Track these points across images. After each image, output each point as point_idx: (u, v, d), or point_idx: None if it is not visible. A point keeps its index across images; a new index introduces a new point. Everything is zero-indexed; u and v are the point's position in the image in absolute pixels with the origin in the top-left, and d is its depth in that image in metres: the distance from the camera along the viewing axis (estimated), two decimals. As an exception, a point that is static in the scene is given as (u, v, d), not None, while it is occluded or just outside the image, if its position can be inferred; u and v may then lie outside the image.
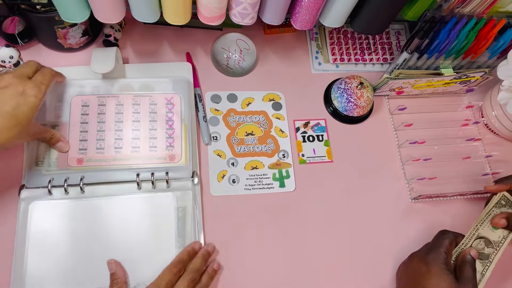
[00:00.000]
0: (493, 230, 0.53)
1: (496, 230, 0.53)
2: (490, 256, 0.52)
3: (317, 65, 0.71)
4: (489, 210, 0.54)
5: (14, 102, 0.45)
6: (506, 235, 0.53)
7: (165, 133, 0.57)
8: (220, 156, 0.61)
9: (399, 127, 0.67)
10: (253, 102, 0.66)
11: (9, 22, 0.60)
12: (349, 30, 0.72)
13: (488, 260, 0.52)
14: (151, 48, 0.67)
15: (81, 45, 0.63)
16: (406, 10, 0.58)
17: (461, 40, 0.61)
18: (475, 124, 0.70)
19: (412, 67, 0.67)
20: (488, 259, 0.52)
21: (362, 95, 0.63)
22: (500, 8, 0.59)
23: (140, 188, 0.55)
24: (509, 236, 0.53)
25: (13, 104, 0.45)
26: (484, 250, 0.52)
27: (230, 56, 0.66)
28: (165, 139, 0.57)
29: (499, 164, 0.67)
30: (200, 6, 0.53)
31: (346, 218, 0.60)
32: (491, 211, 0.54)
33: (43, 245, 0.50)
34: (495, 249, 0.52)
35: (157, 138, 0.57)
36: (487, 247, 0.52)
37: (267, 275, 0.55)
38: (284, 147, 0.63)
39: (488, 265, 0.51)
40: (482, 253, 0.52)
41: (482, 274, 0.51)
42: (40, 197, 0.52)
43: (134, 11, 0.53)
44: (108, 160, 0.55)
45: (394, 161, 0.66)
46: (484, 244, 0.53)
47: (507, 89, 0.60)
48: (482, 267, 0.51)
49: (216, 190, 0.59)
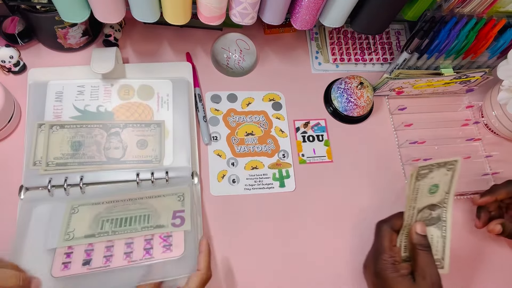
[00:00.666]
0: (430, 194, 0.48)
1: (435, 192, 0.48)
2: (441, 216, 0.49)
3: (317, 65, 0.71)
4: (413, 185, 0.47)
5: None
6: (447, 189, 0.48)
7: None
8: (220, 156, 0.61)
9: (399, 127, 0.67)
10: (253, 102, 0.66)
11: (9, 22, 0.60)
12: (349, 30, 0.72)
13: (441, 220, 0.48)
14: (151, 48, 0.67)
15: (81, 45, 0.63)
16: (406, 10, 0.58)
17: (461, 40, 0.61)
18: (475, 124, 0.70)
19: (412, 67, 0.67)
20: (440, 219, 0.49)
21: (362, 95, 0.63)
22: (500, 8, 0.59)
23: (140, 188, 0.55)
24: (451, 188, 0.48)
25: None
26: (432, 215, 0.49)
27: (230, 56, 0.66)
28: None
29: (499, 164, 0.67)
30: (200, 6, 0.53)
31: (346, 218, 0.60)
32: (417, 185, 0.47)
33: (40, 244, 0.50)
34: (442, 207, 0.49)
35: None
36: (433, 211, 0.49)
37: (267, 275, 0.55)
38: (284, 147, 0.63)
39: (444, 224, 0.48)
40: (431, 218, 0.49)
41: (444, 236, 0.48)
42: (40, 198, 0.52)
43: (134, 11, 0.53)
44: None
45: (394, 161, 0.65)
46: (429, 210, 0.49)
47: (507, 89, 0.60)
48: (439, 230, 0.48)
49: (216, 190, 0.59)
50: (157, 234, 0.50)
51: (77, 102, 0.58)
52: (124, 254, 0.49)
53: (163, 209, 0.52)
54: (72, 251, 0.48)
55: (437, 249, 0.49)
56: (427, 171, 0.46)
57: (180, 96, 0.60)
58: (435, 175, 0.47)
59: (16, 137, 0.57)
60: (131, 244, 0.49)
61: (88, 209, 0.52)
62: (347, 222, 0.60)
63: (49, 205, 0.52)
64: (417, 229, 0.47)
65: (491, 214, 0.58)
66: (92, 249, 0.49)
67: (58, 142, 0.55)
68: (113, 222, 0.51)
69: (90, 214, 0.52)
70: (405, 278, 0.45)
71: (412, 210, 0.48)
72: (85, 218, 0.51)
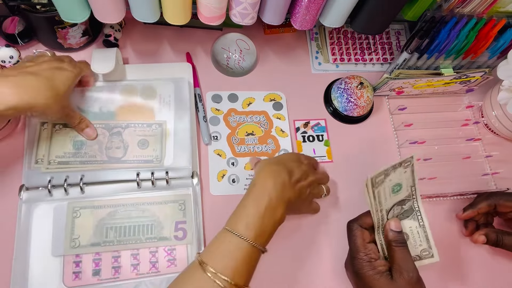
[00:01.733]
0: (395, 193, 0.48)
1: (399, 191, 0.48)
2: (413, 207, 0.49)
3: (317, 65, 0.71)
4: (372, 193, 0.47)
5: (51, 72, 0.48)
6: (412, 183, 0.48)
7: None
8: (220, 155, 0.61)
9: (399, 127, 0.67)
10: (253, 102, 0.66)
11: (9, 22, 0.60)
12: (349, 30, 0.72)
13: (414, 210, 0.49)
14: (151, 48, 0.67)
15: (81, 45, 0.63)
16: (406, 10, 0.58)
17: (461, 40, 0.61)
18: (475, 124, 0.70)
19: (412, 67, 0.67)
20: (413, 210, 0.49)
21: (362, 95, 0.63)
22: (500, 8, 0.59)
23: (140, 188, 0.55)
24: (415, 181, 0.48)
25: (50, 73, 0.48)
26: (404, 208, 0.49)
27: (230, 56, 0.66)
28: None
29: (499, 164, 0.67)
30: (200, 6, 0.53)
31: (346, 218, 0.60)
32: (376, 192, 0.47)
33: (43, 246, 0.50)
34: (412, 199, 0.49)
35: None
36: (404, 205, 0.49)
37: (267, 275, 0.55)
38: (285, 146, 0.63)
39: (419, 214, 0.49)
40: (405, 211, 0.49)
41: (422, 225, 0.48)
42: (40, 197, 0.52)
43: (134, 11, 0.53)
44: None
45: (394, 161, 0.65)
46: (399, 206, 0.49)
47: (507, 89, 0.60)
48: (415, 221, 0.49)
49: (216, 189, 0.59)
50: (161, 247, 0.53)
51: (80, 102, 0.58)
52: (132, 266, 0.51)
53: (165, 218, 0.54)
54: (80, 260, 0.51)
55: (420, 239, 0.49)
56: (382, 176, 0.46)
57: (181, 96, 0.60)
58: (393, 177, 0.47)
59: (16, 137, 0.57)
60: (137, 256, 0.52)
61: (90, 213, 0.53)
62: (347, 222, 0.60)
63: (50, 206, 0.52)
64: (392, 226, 0.47)
65: (478, 222, 0.60)
66: (100, 258, 0.51)
67: (61, 140, 0.55)
68: (117, 231, 0.52)
69: (93, 219, 0.52)
70: (382, 275, 0.45)
71: (380, 213, 0.48)
72: (89, 224, 0.52)
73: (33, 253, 0.50)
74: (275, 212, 0.46)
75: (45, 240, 0.51)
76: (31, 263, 0.49)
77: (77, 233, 0.51)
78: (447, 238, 0.61)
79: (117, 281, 0.50)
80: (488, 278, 0.59)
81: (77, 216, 0.52)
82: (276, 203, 0.46)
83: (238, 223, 0.45)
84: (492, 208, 0.57)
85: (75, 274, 0.50)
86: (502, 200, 0.57)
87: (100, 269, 0.51)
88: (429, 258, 0.48)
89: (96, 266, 0.51)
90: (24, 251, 0.50)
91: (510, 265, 0.60)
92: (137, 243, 0.52)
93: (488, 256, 0.61)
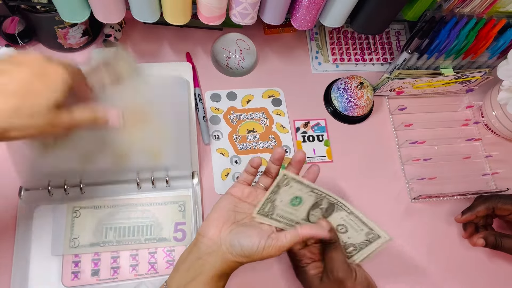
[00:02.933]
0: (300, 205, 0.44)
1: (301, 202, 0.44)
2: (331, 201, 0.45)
3: (317, 65, 0.71)
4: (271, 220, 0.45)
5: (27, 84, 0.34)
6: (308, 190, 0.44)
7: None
8: (223, 154, 0.61)
9: (399, 127, 0.67)
10: (252, 99, 0.66)
11: (9, 22, 0.60)
12: (349, 30, 0.72)
13: (334, 203, 0.45)
14: (151, 48, 0.67)
15: (81, 45, 0.63)
16: (406, 10, 0.58)
17: (461, 40, 0.61)
18: (475, 124, 0.70)
19: (412, 67, 0.67)
20: (334, 204, 0.45)
21: (362, 95, 0.63)
22: (500, 8, 0.59)
23: (140, 188, 0.55)
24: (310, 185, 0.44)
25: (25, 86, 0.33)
26: (323, 207, 0.45)
27: (230, 56, 0.66)
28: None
29: (499, 164, 0.67)
30: (200, 6, 0.53)
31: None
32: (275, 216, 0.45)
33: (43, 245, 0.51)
34: (323, 197, 0.44)
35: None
36: (321, 205, 0.45)
37: (267, 275, 0.55)
38: (286, 142, 0.63)
39: (340, 204, 0.44)
40: (326, 209, 0.45)
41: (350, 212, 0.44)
42: (40, 198, 0.52)
43: (134, 11, 0.53)
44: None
45: (394, 161, 0.66)
46: (317, 209, 0.45)
47: (507, 89, 0.60)
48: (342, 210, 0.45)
49: (221, 188, 0.59)
50: (161, 248, 0.53)
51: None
52: (130, 266, 0.51)
53: (164, 219, 0.54)
54: (79, 260, 0.51)
55: (357, 225, 0.45)
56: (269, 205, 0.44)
57: (180, 96, 0.60)
58: (282, 197, 0.44)
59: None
60: (136, 257, 0.52)
61: (90, 213, 0.53)
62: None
63: (50, 206, 0.52)
64: (323, 225, 0.44)
65: (477, 224, 0.59)
66: (99, 258, 0.51)
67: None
68: (117, 231, 0.52)
69: (92, 219, 0.52)
70: (314, 277, 0.45)
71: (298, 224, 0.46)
72: (88, 224, 0.52)
73: (33, 253, 0.50)
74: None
75: (45, 240, 0.51)
76: (31, 262, 0.49)
77: (76, 233, 0.51)
78: (447, 239, 0.61)
79: (115, 281, 0.50)
80: (488, 279, 0.59)
81: (76, 216, 0.52)
82: None
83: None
84: (491, 211, 0.57)
85: (74, 274, 0.50)
86: (500, 203, 0.56)
87: (99, 269, 0.51)
88: (377, 239, 0.44)
89: (95, 266, 0.51)
90: (24, 251, 0.50)
91: (510, 267, 0.60)
92: (136, 243, 0.52)
93: (486, 259, 0.61)
